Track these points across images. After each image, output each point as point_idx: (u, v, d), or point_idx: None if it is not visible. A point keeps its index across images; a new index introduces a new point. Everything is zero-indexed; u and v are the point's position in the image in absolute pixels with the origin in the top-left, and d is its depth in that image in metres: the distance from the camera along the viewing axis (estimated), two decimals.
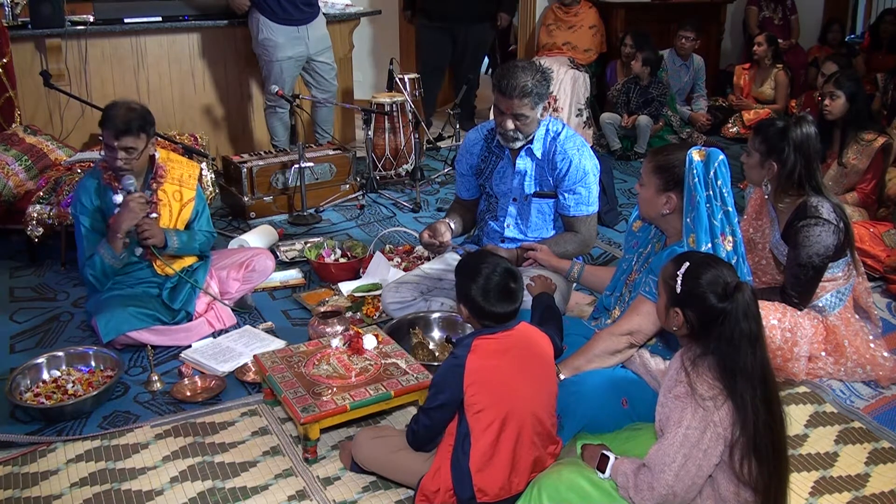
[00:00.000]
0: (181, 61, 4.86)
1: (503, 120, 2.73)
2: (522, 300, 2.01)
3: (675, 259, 1.84)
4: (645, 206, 2.32)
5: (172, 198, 2.96)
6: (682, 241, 2.19)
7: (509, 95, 2.67)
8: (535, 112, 2.73)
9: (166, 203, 2.94)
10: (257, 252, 3.26)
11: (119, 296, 2.87)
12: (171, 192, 2.95)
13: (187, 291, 2.96)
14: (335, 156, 4.55)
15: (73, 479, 2.17)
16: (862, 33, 7.52)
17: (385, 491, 2.13)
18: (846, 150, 3.74)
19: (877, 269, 3.35)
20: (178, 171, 2.98)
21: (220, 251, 3.29)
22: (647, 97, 5.60)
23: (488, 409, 1.91)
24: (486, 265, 1.98)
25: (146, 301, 2.88)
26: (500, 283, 1.95)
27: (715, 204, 2.15)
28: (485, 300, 1.95)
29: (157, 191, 2.91)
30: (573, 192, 2.82)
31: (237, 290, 3.15)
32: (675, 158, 2.21)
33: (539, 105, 2.72)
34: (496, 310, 1.95)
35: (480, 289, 1.95)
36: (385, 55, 5.80)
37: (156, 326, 2.85)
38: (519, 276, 2.01)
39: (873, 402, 2.58)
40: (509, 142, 2.80)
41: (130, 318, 2.80)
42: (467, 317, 2.03)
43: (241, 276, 3.13)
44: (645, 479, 1.75)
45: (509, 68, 2.69)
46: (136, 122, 2.76)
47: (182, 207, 2.98)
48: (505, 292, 1.95)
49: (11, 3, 4.31)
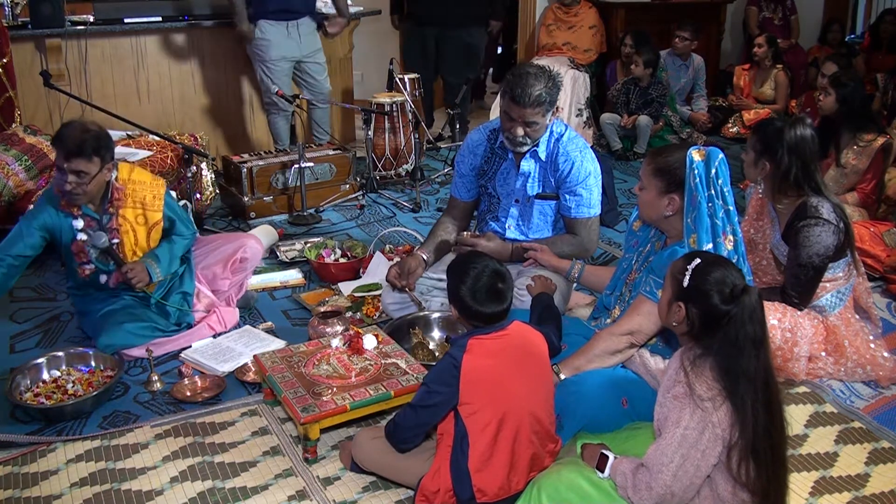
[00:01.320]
0: (181, 61, 4.86)
1: (513, 126, 2.71)
2: (511, 300, 2.01)
3: (686, 255, 1.84)
4: (646, 209, 2.31)
5: (136, 222, 2.80)
6: (682, 241, 2.19)
7: (523, 104, 2.64)
8: (545, 119, 2.73)
9: (128, 229, 2.78)
10: (239, 243, 3.12)
11: (114, 311, 2.79)
12: (134, 217, 2.80)
13: (178, 302, 2.90)
14: (335, 156, 4.55)
15: (73, 479, 2.17)
16: (862, 33, 7.52)
17: (385, 491, 2.13)
18: (844, 150, 3.75)
19: (877, 269, 3.36)
20: (140, 194, 2.80)
21: (200, 245, 3.14)
22: (647, 98, 5.60)
23: (485, 409, 1.92)
24: (475, 266, 1.98)
25: (142, 312, 2.82)
26: (488, 283, 1.96)
27: (716, 203, 2.15)
28: (473, 300, 1.95)
29: (114, 216, 2.76)
30: (574, 194, 2.82)
31: (230, 285, 3.09)
32: (674, 160, 2.21)
33: (549, 112, 2.72)
34: (485, 310, 1.96)
35: (469, 289, 1.96)
36: (385, 55, 5.80)
37: (157, 339, 2.80)
38: (508, 277, 2.01)
39: (873, 402, 2.58)
40: (516, 147, 2.79)
41: (130, 335, 2.74)
42: (458, 317, 2.04)
43: (228, 272, 3.07)
44: (643, 479, 1.75)
45: (521, 75, 2.65)
46: (91, 144, 2.57)
47: (150, 230, 2.83)
48: (493, 293, 1.96)
49: (11, 3, 4.31)
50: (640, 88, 5.62)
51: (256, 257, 3.17)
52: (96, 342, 2.73)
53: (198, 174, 3.91)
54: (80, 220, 2.71)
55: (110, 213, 2.77)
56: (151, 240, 2.85)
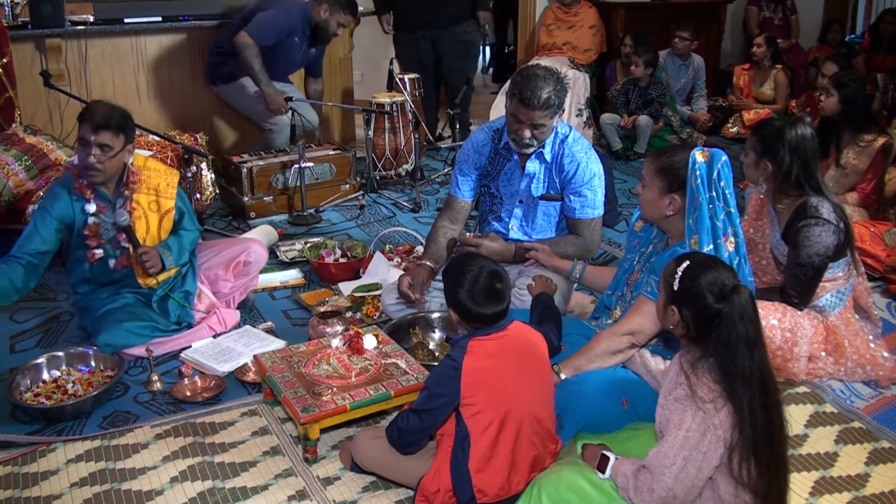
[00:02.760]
0: (181, 61, 4.85)
1: (521, 129, 2.70)
2: (510, 300, 2.01)
3: (677, 258, 1.84)
4: (648, 208, 2.31)
5: (148, 209, 2.85)
6: (683, 241, 2.19)
7: (531, 107, 2.63)
8: (553, 121, 2.72)
9: (140, 215, 2.83)
10: (244, 247, 3.13)
11: (114, 310, 2.79)
12: (147, 203, 2.84)
13: (180, 298, 2.91)
14: (335, 156, 4.55)
15: (73, 479, 2.17)
16: (862, 33, 7.52)
17: (385, 491, 2.13)
18: (844, 150, 3.75)
19: (877, 269, 3.36)
20: (154, 181, 2.86)
21: (204, 248, 3.16)
22: (647, 98, 5.60)
23: (486, 410, 1.91)
24: (471, 268, 1.98)
25: (142, 312, 2.82)
26: (486, 284, 1.95)
27: (717, 205, 2.15)
28: (473, 302, 1.95)
29: (128, 199, 2.80)
30: (579, 195, 2.82)
31: (230, 288, 3.09)
32: (678, 160, 2.21)
33: (557, 114, 2.71)
34: (485, 311, 1.96)
35: (467, 292, 1.95)
36: (385, 55, 5.80)
37: (157, 339, 2.80)
38: (505, 276, 2.01)
39: (873, 402, 2.58)
40: (522, 149, 2.79)
41: (130, 335, 2.74)
42: (457, 321, 2.03)
43: (230, 275, 3.07)
44: (645, 481, 1.75)
45: (530, 77, 2.64)
46: (117, 120, 2.67)
47: (162, 218, 2.87)
48: (491, 293, 1.95)
49: (11, 3, 4.31)
50: (639, 88, 5.62)
51: (260, 262, 3.17)
52: (95, 340, 2.73)
53: (198, 174, 3.91)
54: (93, 205, 2.75)
55: (125, 196, 2.81)
56: (163, 229, 2.88)
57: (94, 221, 2.77)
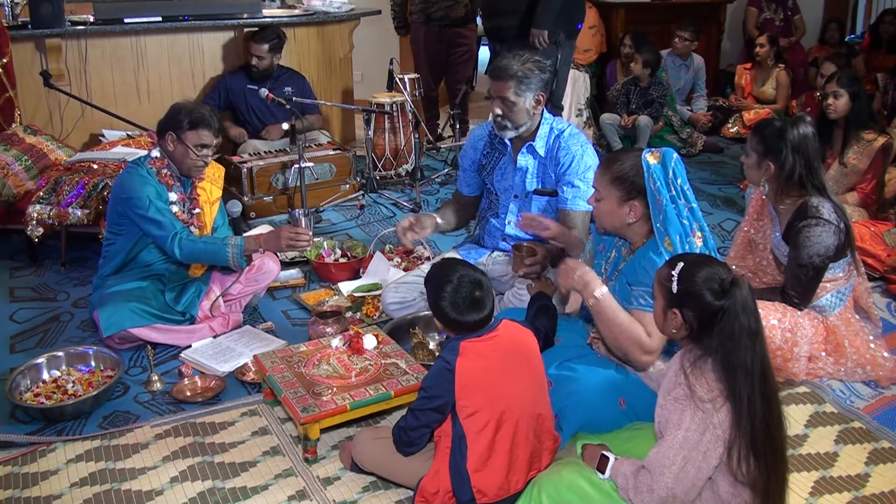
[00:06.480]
0: (181, 61, 4.85)
1: (492, 105, 2.78)
2: (493, 305, 2.01)
3: (668, 261, 1.84)
4: (606, 219, 2.27)
5: (209, 195, 3.05)
6: (655, 246, 2.15)
7: (494, 77, 2.74)
8: (521, 99, 2.73)
9: (206, 199, 3.03)
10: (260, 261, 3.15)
11: (124, 291, 2.86)
12: (208, 189, 3.05)
13: (192, 294, 2.97)
14: (335, 156, 4.55)
15: (73, 479, 2.17)
16: (862, 33, 7.52)
17: (385, 491, 2.13)
18: (847, 149, 3.74)
19: (877, 269, 3.35)
20: (209, 170, 3.05)
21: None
22: (647, 98, 5.60)
23: (482, 410, 1.92)
24: (450, 279, 1.98)
25: (150, 298, 2.88)
26: (467, 294, 1.96)
27: (679, 203, 2.14)
28: (455, 311, 1.96)
29: (195, 187, 2.99)
30: (572, 185, 2.81)
31: (239, 291, 3.10)
32: (629, 167, 2.18)
33: (526, 93, 2.73)
34: (467, 320, 1.96)
35: (449, 302, 1.96)
36: (385, 55, 5.79)
37: (157, 325, 2.85)
38: (485, 283, 2.00)
39: (873, 402, 2.58)
40: (500, 130, 2.83)
41: (133, 314, 2.79)
42: (442, 328, 2.04)
43: (242, 278, 3.08)
44: (644, 481, 1.75)
45: (507, 55, 2.75)
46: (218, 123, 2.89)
47: (211, 206, 3.06)
48: (472, 302, 1.96)
49: (11, 3, 4.31)
50: (640, 88, 5.62)
51: (271, 274, 3.17)
52: (98, 312, 2.79)
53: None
54: (175, 193, 2.92)
55: (194, 183, 3.01)
56: (210, 216, 3.06)
57: (177, 209, 2.93)
